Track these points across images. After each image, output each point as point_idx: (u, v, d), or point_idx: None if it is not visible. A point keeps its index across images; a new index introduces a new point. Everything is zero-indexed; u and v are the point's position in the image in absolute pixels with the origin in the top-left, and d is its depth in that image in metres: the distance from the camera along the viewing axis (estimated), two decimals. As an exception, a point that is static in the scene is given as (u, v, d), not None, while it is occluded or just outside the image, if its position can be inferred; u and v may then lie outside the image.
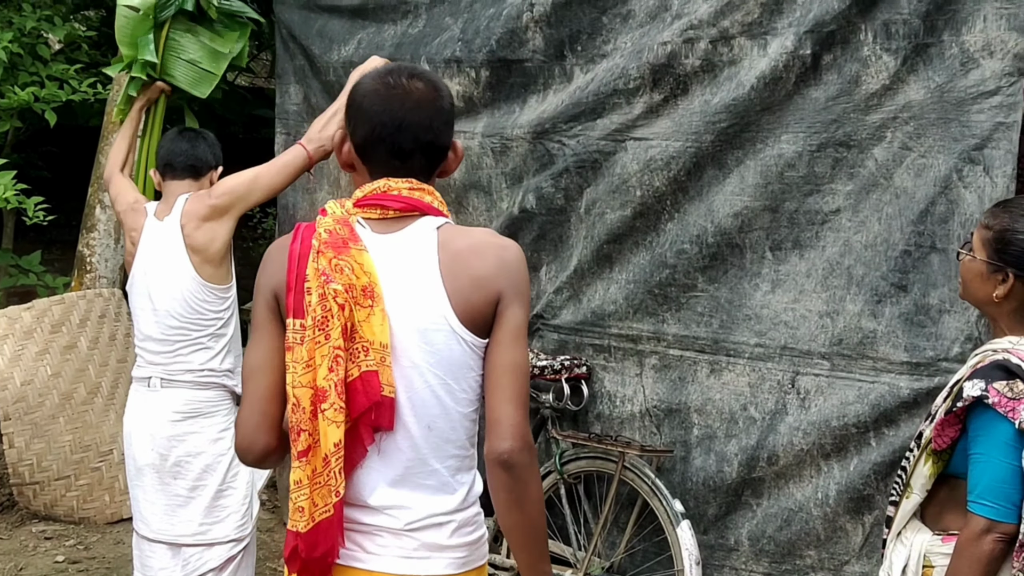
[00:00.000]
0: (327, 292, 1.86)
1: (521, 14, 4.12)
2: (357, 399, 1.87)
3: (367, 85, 1.98)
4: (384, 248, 1.94)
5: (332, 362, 1.86)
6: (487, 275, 1.90)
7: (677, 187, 3.73)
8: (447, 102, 2.01)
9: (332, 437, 1.85)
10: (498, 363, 1.90)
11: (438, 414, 1.92)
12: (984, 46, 3.13)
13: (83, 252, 5.44)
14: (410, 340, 1.90)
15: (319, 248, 1.91)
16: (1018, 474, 2.16)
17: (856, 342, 3.38)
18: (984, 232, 2.35)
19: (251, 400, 1.95)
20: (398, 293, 1.91)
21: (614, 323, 3.94)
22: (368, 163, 1.99)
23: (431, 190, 1.98)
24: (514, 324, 1.91)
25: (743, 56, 3.56)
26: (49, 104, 5.26)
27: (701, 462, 3.71)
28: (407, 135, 1.94)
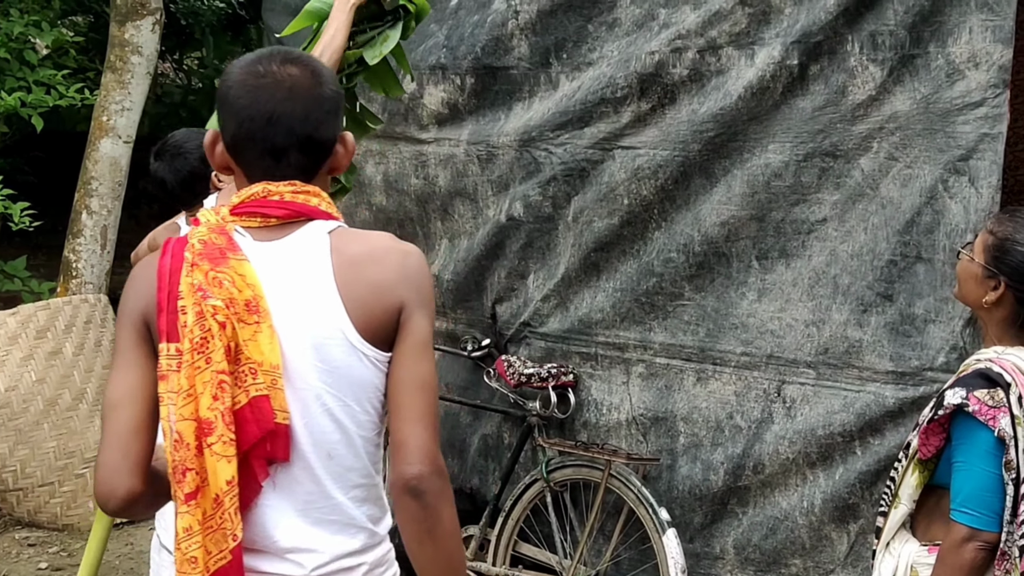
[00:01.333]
0: (205, 309, 1.64)
1: (506, 21, 4.12)
2: (247, 429, 1.65)
3: (234, 75, 1.75)
4: (268, 257, 1.72)
5: (216, 389, 1.63)
6: (388, 282, 1.71)
7: (664, 196, 3.74)
8: (328, 89, 1.77)
9: (223, 474, 1.63)
10: (402, 379, 1.70)
11: (338, 440, 1.72)
12: (970, 57, 3.15)
13: (69, 258, 5.42)
14: (304, 359, 1.69)
15: (193, 261, 1.68)
16: (999, 482, 2.17)
17: (842, 351, 3.39)
18: (987, 237, 2.36)
19: (111, 437, 1.68)
20: (287, 306, 1.69)
21: (601, 331, 3.94)
22: (241, 164, 1.76)
23: (317, 191, 1.77)
24: (419, 336, 1.72)
25: (730, 66, 3.57)
26: (36, 109, 5.25)
27: (687, 470, 3.71)
28: (280, 129, 1.71)
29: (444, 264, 4.41)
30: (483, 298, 4.31)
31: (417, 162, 4.43)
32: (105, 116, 5.26)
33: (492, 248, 4.21)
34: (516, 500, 3.98)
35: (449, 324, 4.45)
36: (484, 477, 4.29)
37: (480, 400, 4.27)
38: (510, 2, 4.12)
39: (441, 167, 4.38)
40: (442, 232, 4.46)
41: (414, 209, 4.52)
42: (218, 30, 6.95)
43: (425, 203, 4.47)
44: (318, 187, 1.78)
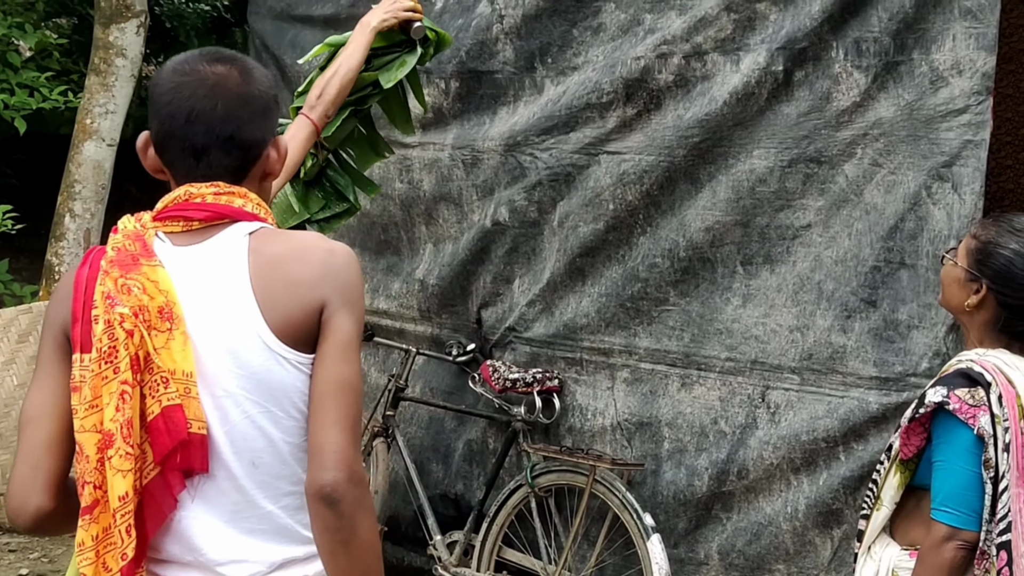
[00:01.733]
0: (112, 318, 1.58)
1: (491, 25, 4.12)
2: (160, 440, 1.59)
3: (161, 73, 1.70)
4: (184, 262, 1.66)
5: (119, 400, 1.57)
6: (307, 280, 1.64)
7: (650, 201, 3.74)
8: (259, 88, 1.71)
9: (117, 489, 1.57)
10: (323, 382, 1.63)
11: (263, 448, 1.65)
12: (953, 65, 3.17)
13: (51, 261, 5.39)
14: (221, 364, 1.62)
15: (105, 269, 1.63)
16: (978, 481, 2.18)
17: (826, 357, 3.40)
18: (970, 241, 2.38)
19: (25, 452, 1.62)
20: (202, 311, 1.64)
21: (586, 336, 3.94)
22: (167, 165, 1.71)
23: (243, 192, 1.71)
24: (341, 336, 1.64)
25: (716, 72, 3.58)
26: (19, 112, 5.22)
27: (672, 476, 3.71)
28: (199, 127, 1.65)
29: (429, 269, 4.40)
30: (468, 303, 4.31)
31: (402, 166, 4.42)
32: (89, 119, 5.23)
33: (477, 253, 4.21)
34: (501, 505, 3.97)
35: (434, 329, 4.44)
36: (469, 482, 4.28)
37: (465, 405, 4.26)
38: (495, 6, 4.12)
39: (426, 171, 4.37)
40: (427, 236, 4.45)
41: (398, 213, 4.51)
42: (203, 33, 6.93)
43: (410, 207, 4.46)
44: (245, 188, 1.72)
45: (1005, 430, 2.18)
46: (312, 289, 1.65)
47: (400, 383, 4.25)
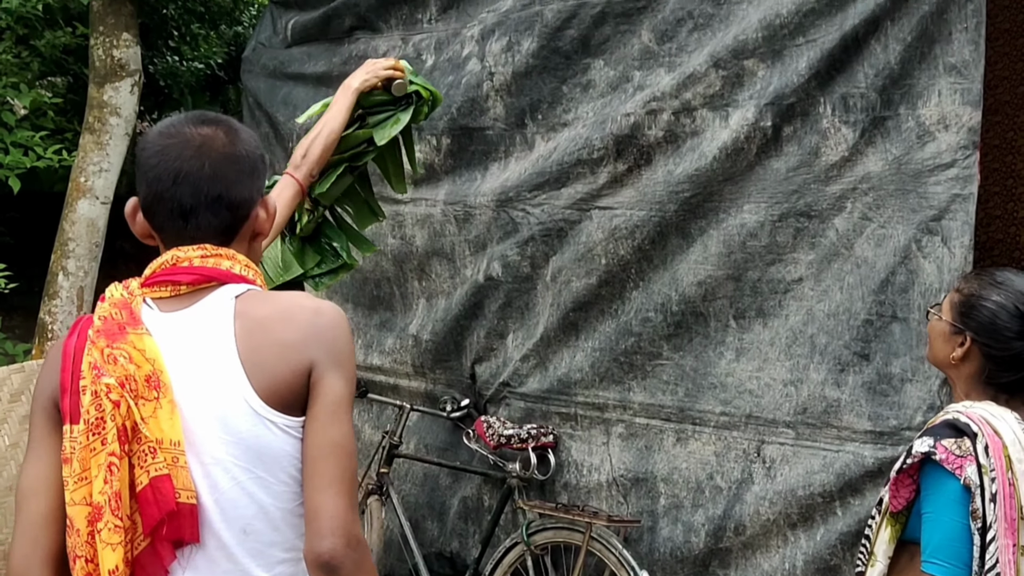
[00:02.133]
0: (99, 388, 1.57)
1: (481, 83, 4.16)
2: (149, 511, 1.57)
3: (148, 136, 1.70)
4: (170, 328, 1.65)
5: (107, 472, 1.56)
6: (294, 342, 1.62)
7: (642, 256, 3.75)
8: (246, 148, 1.71)
9: (108, 562, 1.55)
10: (313, 444, 1.60)
11: (253, 514, 1.62)
12: (939, 120, 3.19)
13: (45, 319, 5.37)
14: (209, 431, 1.60)
15: (92, 338, 1.63)
16: (967, 532, 2.18)
17: (820, 411, 3.39)
18: (954, 295, 2.41)
19: (24, 527, 1.61)
20: (189, 378, 1.62)
21: (580, 391, 3.93)
22: (155, 229, 1.70)
23: (231, 254, 1.70)
24: (331, 397, 1.62)
25: (705, 127, 3.61)
26: (13, 171, 5.23)
27: (668, 532, 3.68)
28: (186, 188, 1.64)
29: (422, 324, 4.40)
30: (462, 358, 4.30)
31: (394, 222, 4.44)
32: (83, 177, 5.25)
33: (470, 308, 4.21)
34: (497, 564, 3.94)
35: (428, 385, 4.43)
36: (464, 540, 4.24)
37: (459, 462, 4.24)
38: (484, 64, 4.16)
39: (418, 227, 4.39)
40: (419, 292, 4.46)
41: (391, 269, 4.52)
42: (197, 90, 6.97)
43: (402, 263, 4.47)
44: (232, 251, 1.71)
45: (992, 480, 2.18)
46: (300, 351, 1.63)
47: (394, 440, 4.23)
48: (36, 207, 6.57)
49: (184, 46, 6.71)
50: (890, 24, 3.26)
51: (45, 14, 5.77)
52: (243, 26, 7.13)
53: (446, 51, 4.38)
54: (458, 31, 4.36)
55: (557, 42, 3.97)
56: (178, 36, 6.77)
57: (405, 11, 4.59)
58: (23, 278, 5.34)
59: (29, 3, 5.53)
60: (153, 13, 6.34)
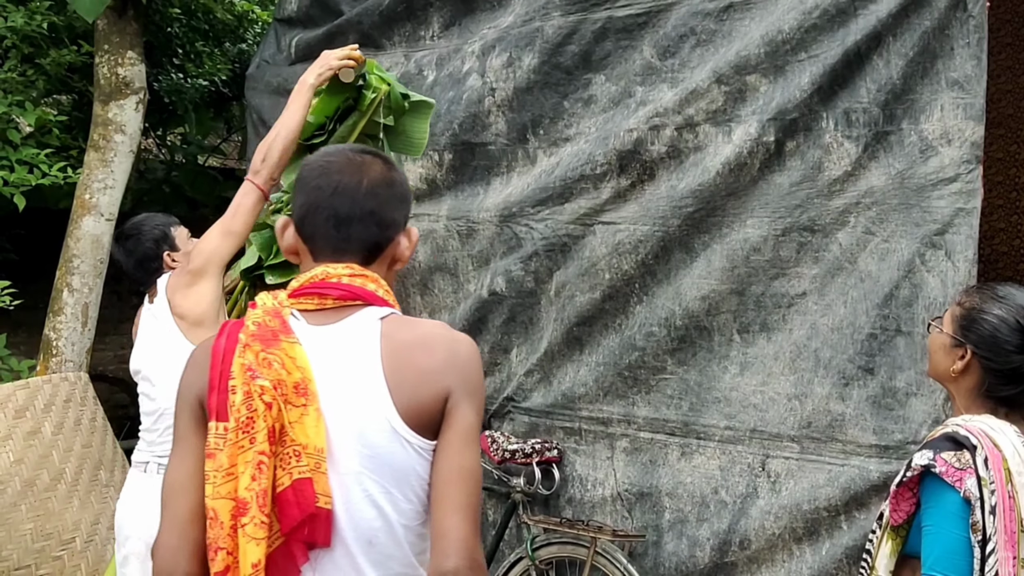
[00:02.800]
0: (253, 389, 1.66)
1: (483, 98, 4.18)
2: (289, 511, 1.65)
3: (312, 159, 1.84)
4: (320, 341, 1.74)
5: (255, 469, 1.64)
6: (435, 369, 1.71)
7: (645, 270, 3.76)
8: (400, 177, 1.84)
9: (251, 557, 1.62)
10: (446, 469, 1.68)
11: (380, 527, 1.70)
12: (942, 134, 3.20)
13: (49, 336, 5.39)
14: (348, 443, 1.68)
15: (246, 342, 1.71)
16: (967, 545, 2.18)
17: (825, 425, 3.39)
18: (955, 309, 2.42)
19: (172, 521, 1.69)
20: (334, 390, 1.70)
21: (584, 405, 3.93)
22: (306, 240, 1.80)
23: (375, 277, 1.80)
24: (464, 425, 1.70)
25: (708, 143, 3.62)
26: (19, 188, 5.25)
27: (673, 547, 3.68)
28: (344, 199, 1.76)
29: (427, 339, 4.40)
30: (466, 373, 4.30)
31: (398, 238, 4.44)
32: (88, 194, 5.27)
33: (474, 323, 4.21)
34: (501, 579, 3.93)
35: (432, 400, 4.43)
36: (469, 555, 4.23)
37: (464, 476, 4.23)
38: (485, 79, 4.18)
39: (420, 242, 4.40)
40: (422, 307, 4.47)
41: (393, 284, 4.52)
42: (201, 107, 7.00)
43: (404, 278, 4.48)
44: (377, 274, 1.81)
45: (991, 493, 2.18)
46: (439, 378, 1.71)
47: (399, 455, 4.22)
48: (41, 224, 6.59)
49: (188, 63, 6.75)
50: (892, 39, 3.27)
51: (50, 33, 5.80)
52: (247, 43, 7.17)
53: (447, 67, 4.40)
54: (459, 47, 4.39)
55: (558, 57, 3.99)
56: (182, 54, 6.80)
57: (408, 28, 4.61)
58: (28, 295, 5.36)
59: (34, 22, 5.56)
60: (158, 31, 6.37)
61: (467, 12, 4.44)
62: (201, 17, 6.77)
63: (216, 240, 3.40)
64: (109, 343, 7.77)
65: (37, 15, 5.62)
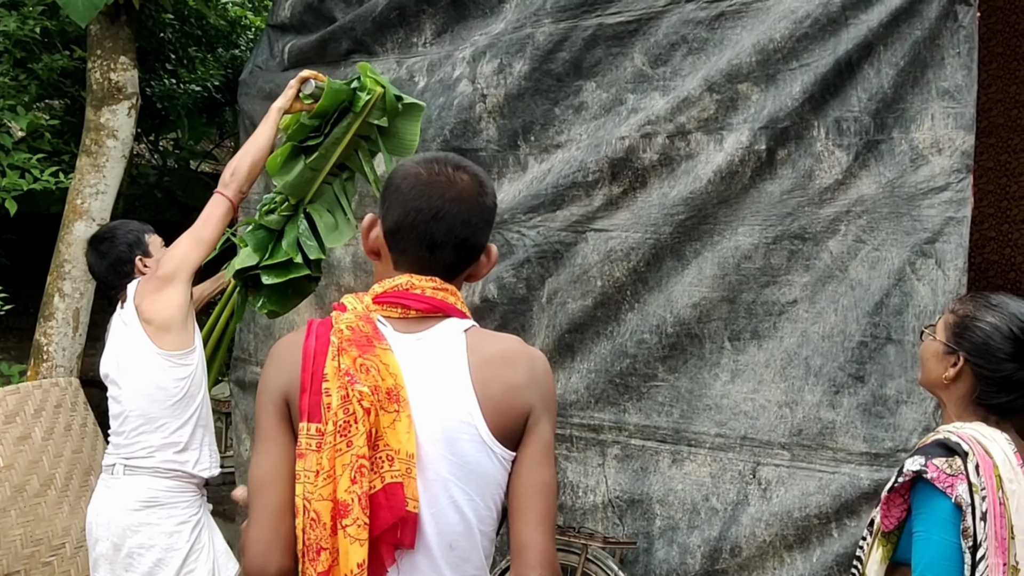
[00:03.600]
0: (351, 394, 1.70)
1: (473, 104, 4.18)
2: (381, 514, 1.70)
3: (409, 168, 1.86)
4: (409, 349, 1.79)
5: (356, 472, 1.68)
6: (519, 385, 1.77)
7: (637, 278, 3.77)
8: (491, 201, 1.88)
9: (355, 557, 1.67)
10: (527, 482, 1.75)
11: (461, 532, 1.75)
12: (933, 143, 3.22)
13: (40, 341, 5.37)
14: (435, 450, 1.74)
15: (341, 345, 1.75)
16: (957, 551, 2.18)
17: (815, 432, 3.40)
18: (949, 316, 2.43)
19: (261, 516, 1.73)
20: (425, 398, 1.75)
21: (576, 412, 3.93)
22: (395, 251, 1.85)
23: (454, 291, 1.86)
24: (544, 440, 1.78)
25: (700, 150, 3.63)
26: (10, 193, 5.24)
27: (664, 554, 3.68)
28: (442, 226, 1.80)
29: (418, 346, 4.40)
30: (458, 380, 4.30)
31: (390, 244, 4.44)
32: (80, 199, 5.26)
33: (466, 330, 4.21)
34: (492, 586, 3.93)
35: (424, 406, 4.43)
36: (459, 562, 4.23)
37: (455, 483, 4.23)
38: (476, 85, 4.18)
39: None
40: (416, 314, 4.46)
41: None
42: (194, 113, 7.00)
43: (399, 285, 4.48)
44: (456, 288, 1.86)
45: (983, 499, 2.19)
46: (523, 394, 1.78)
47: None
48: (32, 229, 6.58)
49: (181, 69, 6.75)
50: (883, 49, 3.29)
51: (43, 37, 5.80)
52: (240, 49, 7.17)
53: (438, 73, 4.40)
54: (450, 53, 4.39)
55: (549, 64, 4.00)
56: (175, 59, 6.80)
57: (401, 35, 4.62)
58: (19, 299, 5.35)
59: (27, 26, 5.56)
60: (151, 36, 6.37)
61: (459, 19, 4.45)
62: (194, 22, 6.77)
63: (186, 247, 3.43)
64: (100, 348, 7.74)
65: (30, 20, 5.62)
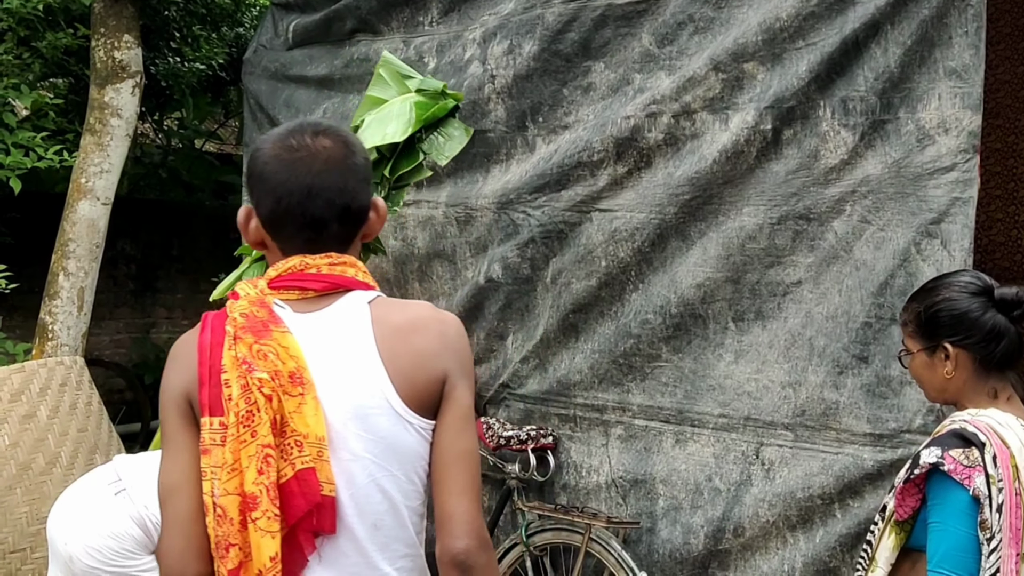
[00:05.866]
0: (251, 382, 1.64)
1: (483, 85, 4.17)
2: (294, 502, 1.64)
3: (267, 150, 1.75)
4: (309, 328, 1.73)
5: (261, 463, 1.62)
6: (431, 352, 1.72)
7: (641, 258, 3.76)
8: (361, 157, 1.79)
9: (267, 550, 1.62)
10: (447, 451, 1.70)
11: (385, 510, 1.70)
12: (939, 123, 3.20)
13: (45, 320, 5.38)
14: (348, 429, 1.68)
15: (236, 334, 1.69)
16: (974, 542, 2.18)
17: (819, 413, 3.39)
18: (906, 328, 2.43)
19: (174, 523, 1.67)
20: (331, 377, 1.69)
21: (580, 393, 3.94)
22: (278, 239, 1.77)
23: (354, 262, 1.79)
24: (463, 406, 1.73)
25: (705, 130, 3.62)
26: (14, 171, 5.24)
27: (667, 534, 3.69)
28: (319, 202, 1.72)
29: (422, 326, 4.40)
30: (461, 360, 4.30)
31: (396, 224, 4.45)
32: (84, 178, 5.26)
33: (471, 310, 4.21)
34: (495, 565, 3.94)
35: (428, 386, 4.43)
36: (463, 541, 4.24)
37: (459, 463, 4.24)
38: (486, 66, 4.17)
39: (420, 229, 4.40)
40: (420, 294, 4.47)
41: (392, 271, 4.52)
42: (198, 91, 6.98)
43: (403, 265, 4.48)
44: (353, 257, 1.80)
45: (999, 491, 2.17)
46: (435, 360, 1.72)
47: (394, 441, 4.23)
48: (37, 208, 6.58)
49: (185, 47, 6.73)
50: (890, 28, 3.27)
51: (46, 15, 5.78)
52: (244, 27, 7.14)
53: (448, 54, 4.38)
54: (460, 34, 4.37)
55: (558, 45, 3.98)
56: (179, 37, 6.78)
57: (406, 14, 4.60)
58: (24, 278, 5.35)
59: (30, 4, 5.54)
60: (155, 15, 6.35)
61: (465, -2, 4.43)
62: (198, 0, 6.74)
63: None
64: (105, 327, 7.76)
65: (33, -2, 5.60)
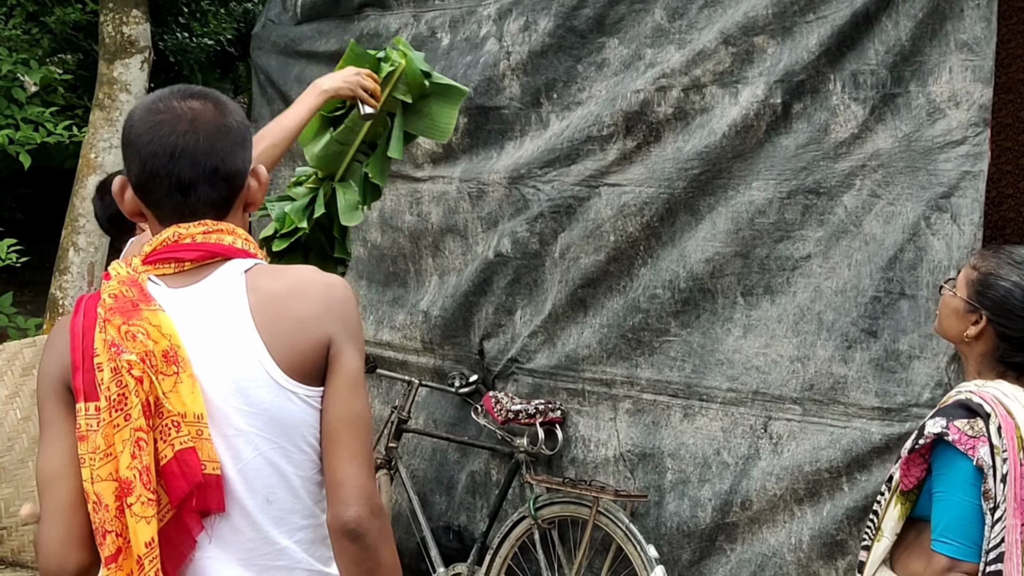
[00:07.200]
0: (120, 365, 1.58)
1: (498, 62, 4.16)
2: (175, 483, 1.59)
3: (136, 115, 1.69)
4: (182, 304, 1.67)
5: (134, 447, 1.57)
6: (312, 316, 1.66)
7: (650, 232, 3.76)
8: (235, 120, 1.71)
9: (143, 536, 1.57)
10: (335, 417, 1.65)
11: (276, 483, 1.66)
12: (950, 97, 3.19)
13: (55, 294, 5.41)
14: (229, 404, 1.63)
15: (105, 316, 1.63)
16: (978, 512, 2.19)
17: (827, 387, 3.40)
18: (970, 272, 2.39)
19: (53, 512, 1.61)
20: (207, 352, 1.64)
21: (588, 367, 3.94)
22: (150, 205, 1.70)
23: (232, 228, 1.72)
24: (350, 371, 1.66)
25: (715, 104, 3.61)
26: (24, 147, 5.25)
27: (675, 507, 3.70)
28: (184, 163, 1.64)
29: (433, 300, 4.42)
30: (471, 334, 4.32)
31: (412, 199, 4.46)
32: (93, 153, 5.27)
33: (480, 284, 4.22)
34: (504, 537, 3.97)
35: (437, 360, 4.45)
36: (472, 514, 4.27)
37: (468, 437, 4.26)
38: (502, 43, 4.16)
39: (434, 204, 4.40)
40: (433, 268, 4.48)
41: (407, 246, 4.54)
42: (207, 67, 6.99)
43: (418, 239, 4.49)
44: (233, 224, 1.73)
45: (1003, 461, 2.18)
46: (317, 325, 1.66)
47: (403, 415, 4.25)
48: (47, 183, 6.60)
49: (194, 22, 6.72)
50: (901, 0, 3.25)
51: (55, -10, 5.79)
52: (253, 2, 7.13)
53: (463, 30, 4.37)
54: (473, 9, 4.36)
55: (573, 21, 3.97)
56: (188, 12, 6.78)
57: (415, -12, 4.59)
58: (34, 253, 5.38)
59: (39, -21, 5.55)
60: (163, -11, 6.34)
61: (474, -28, 4.41)
62: (207, -24, 6.74)
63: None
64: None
65: (42, -27, 5.60)
